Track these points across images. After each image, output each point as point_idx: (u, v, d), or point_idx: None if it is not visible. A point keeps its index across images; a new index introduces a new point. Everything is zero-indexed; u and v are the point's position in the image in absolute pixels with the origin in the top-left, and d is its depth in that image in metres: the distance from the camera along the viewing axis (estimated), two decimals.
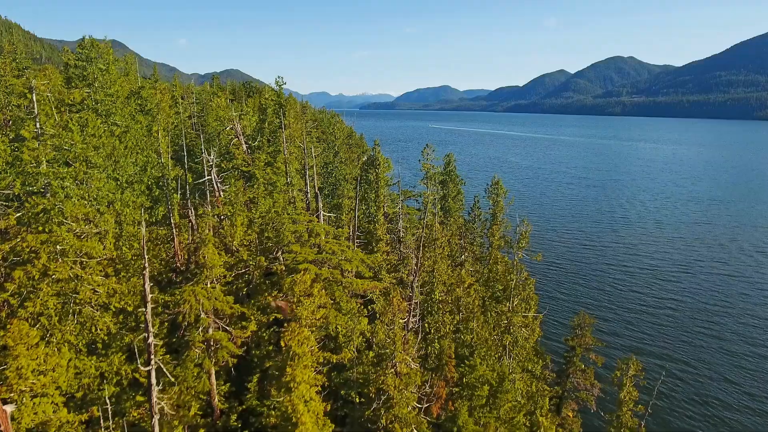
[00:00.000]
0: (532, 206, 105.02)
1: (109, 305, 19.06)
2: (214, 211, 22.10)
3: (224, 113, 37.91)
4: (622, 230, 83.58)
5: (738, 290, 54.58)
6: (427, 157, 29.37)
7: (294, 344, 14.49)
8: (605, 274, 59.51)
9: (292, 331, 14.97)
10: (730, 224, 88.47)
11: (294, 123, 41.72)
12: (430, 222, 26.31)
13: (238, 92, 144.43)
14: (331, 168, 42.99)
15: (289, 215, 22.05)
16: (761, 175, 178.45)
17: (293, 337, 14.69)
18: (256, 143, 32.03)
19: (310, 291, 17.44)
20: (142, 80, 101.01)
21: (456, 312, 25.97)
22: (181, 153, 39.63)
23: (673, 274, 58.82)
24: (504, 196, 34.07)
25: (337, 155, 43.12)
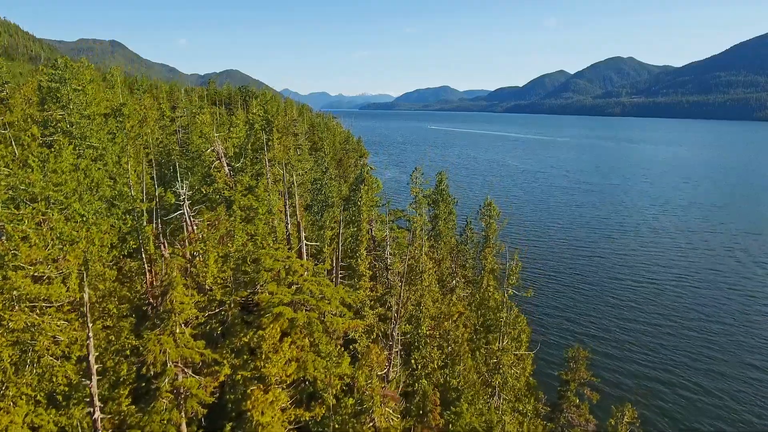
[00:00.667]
0: (530, 213, 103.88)
1: (71, 353, 17.92)
2: (184, 249, 20.93)
3: (209, 129, 36.76)
4: (621, 239, 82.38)
5: (747, 309, 52.99)
6: (416, 181, 28.24)
7: (257, 414, 13.36)
8: (602, 289, 58.25)
9: (255, 399, 13.83)
10: (733, 232, 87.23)
11: (283, 139, 40.58)
12: (416, 254, 25.21)
13: (234, 96, 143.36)
14: (320, 184, 41.84)
15: (266, 249, 20.91)
16: (762, 178, 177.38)
17: (257, 406, 13.55)
18: (239, 164, 30.89)
19: (278, 347, 16.32)
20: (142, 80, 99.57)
21: (444, 346, 24.88)
22: (166, 172, 38.53)
23: (674, 290, 57.25)
24: (497, 217, 32.96)
25: (327, 172, 41.96)
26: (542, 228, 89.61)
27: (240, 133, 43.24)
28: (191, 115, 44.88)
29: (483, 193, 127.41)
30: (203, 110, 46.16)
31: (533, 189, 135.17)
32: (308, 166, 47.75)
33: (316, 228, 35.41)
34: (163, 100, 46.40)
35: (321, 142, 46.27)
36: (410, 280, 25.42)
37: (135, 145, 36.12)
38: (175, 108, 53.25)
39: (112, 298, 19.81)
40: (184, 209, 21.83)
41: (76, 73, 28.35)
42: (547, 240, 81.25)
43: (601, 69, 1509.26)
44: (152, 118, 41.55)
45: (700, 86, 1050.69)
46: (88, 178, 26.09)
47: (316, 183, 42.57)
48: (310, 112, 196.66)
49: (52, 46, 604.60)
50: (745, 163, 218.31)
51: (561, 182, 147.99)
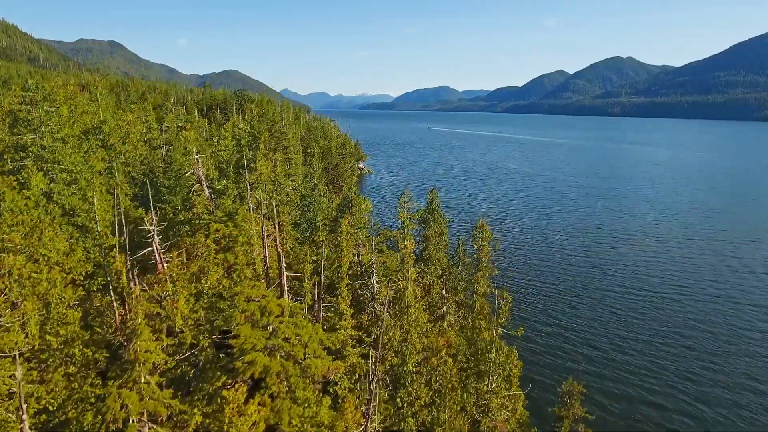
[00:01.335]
0: (527, 220, 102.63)
1: (27, 407, 16.75)
2: (151, 292, 19.77)
3: (192, 146, 35.58)
4: (620, 248, 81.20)
5: (753, 327, 51.73)
6: (404, 205, 27.13)
7: None
8: (600, 307, 56.79)
9: None
10: (734, 240, 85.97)
11: (270, 155, 39.40)
12: (402, 286, 24.08)
13: (230, 101, 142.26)
14: (309, 201, 40.67)
15: (241, 287, 19.74)
16: (763, 180, 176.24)
17: None
18: (221, 185, 29.72)
19: (244, 409, 15.23)
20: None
21: (432, 382, 23.72)
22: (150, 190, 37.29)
23: (676, 309, 55.43)
24: (489, 239, 31.82)
25: (316, 188, 40.79)
26: (539, 238, 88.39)
27: (228, 145, 42.11)
28: (176, 129, 43.61)
29: (480, 199, 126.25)
30: (190, 123, 44.88)
31: (531, 194, 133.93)
32: (299, 180, 46.62)
33: (303, 249, 34.26)
34: (150, 113, 45.11)
35: (311, 157, 44.95)
36: (396, 314, 24.28)
37: (117, 165, 34.93)
38: (163, 118, 52.04)
39: (76, 342, 18.64)
40: (154, 246, 20.68)
41: (48, 94, 27.20)
42: (543, 252, 79.97)
43: (601, 69, 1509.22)
44: (136, 134, 40.30)
45: (699, 86, 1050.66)
46: (58, 206, 24.94)
47: (305, 200, 41.42)
48: (306, 115, 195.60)
49: (50, 47, 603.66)
50: (745, 165, 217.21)
51: (559, 186, 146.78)
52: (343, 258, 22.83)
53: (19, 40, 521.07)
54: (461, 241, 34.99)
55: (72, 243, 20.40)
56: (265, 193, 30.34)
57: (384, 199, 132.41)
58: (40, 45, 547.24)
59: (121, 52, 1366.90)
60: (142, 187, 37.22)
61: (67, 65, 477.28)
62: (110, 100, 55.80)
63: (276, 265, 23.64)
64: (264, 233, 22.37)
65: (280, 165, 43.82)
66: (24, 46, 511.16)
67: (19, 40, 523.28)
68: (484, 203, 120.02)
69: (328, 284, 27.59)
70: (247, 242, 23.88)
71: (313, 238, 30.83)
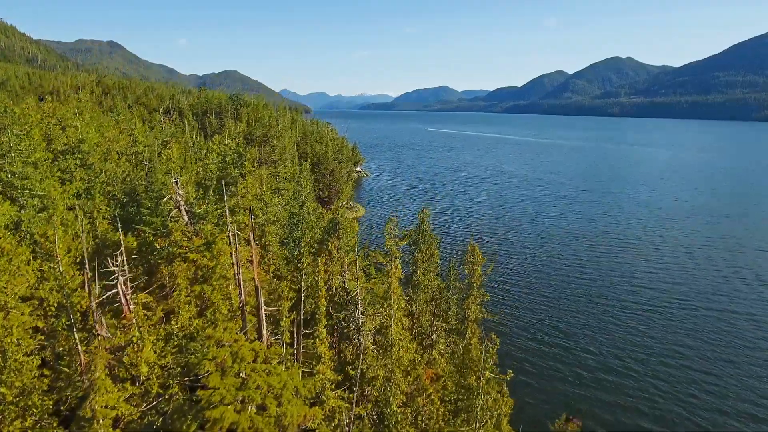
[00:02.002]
0: (525, 226, 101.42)
1: None
2: (114, 341, 18.58)
3: (174, 165, 34.38)
4: (619, 257, 79.99)
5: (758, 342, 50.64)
6: (390, 232, 25.98)
7: None
8: (598, 319, 55.87)
9: None
10: (736, 248, 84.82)
11: (257, 172, 38.18)
12: (386, 316, 22.91)
13: (225, 106, 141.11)
14: (297, 219, 39.47)
15: (212, 330, 18.55)
16: (764, 182, 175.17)
17: None
18: (201, 209, 28.54)
19: None
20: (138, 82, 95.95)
21: (419, 422, 22.57)
22: (131, 211, 36.10)
23: (679, 324, 54.45)
24: (481, 263, 30.66)
25: (304, 206, 39.58)
26: (535, 246, 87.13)
27: (213, 162, 40.88)
28: (161, 145, 42.33)
29: (476, 204, 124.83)
30: (176, 137, 43.60)
31: (528, 199, 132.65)
32: (290, 194, 45.42)
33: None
34: (137, 125, 43.83)
35: (301, 172, 43.53)
36: (380, 351, 23.12)
37: (97, 184, 33.72)
38: (152, 129, 50.88)
39: (34, 393, 17.46)
40: (119, 287, 19.50)
41: (18, 118, 26.06)
42: (539, 261, 78.66)
43: (600, 69, 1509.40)
44: (122, 147, 39.07)
45: (699, 86, 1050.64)
46: (28, 235, 23.75)
47: (294, 218, 40.23)
48: (304, 118, 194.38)
49: (49, 48, 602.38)
50: (745, 166, 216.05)
51: (558, 190, 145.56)
52: (320, 298, 21.66)
53: (17, 41, 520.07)
54: (452, 264, 33.80)
55: (41, 275, 19.27)
56: (248, 216, 29.17)
57: (381, 204, 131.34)
58: (38, 45, 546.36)
59: (121, 52, 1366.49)
60: (123, 207, 36.03)
61: (65, 66, 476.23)
62: (95, 113, 54.35)
63: (254, 300, 22.47)
64: (239, 267, 21.17)
65: (267, 181, 42.54)
66: (22, 47, 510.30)
67: (18, 40, 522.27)
68: (481, 209, 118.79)
69: (312, 313, 26.44)
70: (222, 276, 22.70)
71: (297, 265, 29.63)
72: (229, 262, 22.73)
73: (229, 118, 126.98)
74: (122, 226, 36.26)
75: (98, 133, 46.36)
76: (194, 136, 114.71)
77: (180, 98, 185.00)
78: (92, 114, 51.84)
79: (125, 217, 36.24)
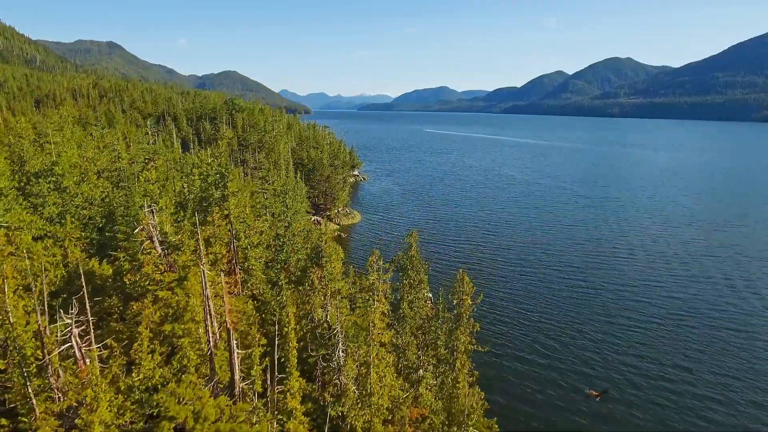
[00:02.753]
0: (523, 233, 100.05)
1: None
2: (62, 403, 17.20)
3: (153, 187, 33.00)
4: (618, 268, 78.64)
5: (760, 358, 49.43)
6: (373, 266, 24.63)
7: None
8: (598, 334, 54.58)
9: None
10: (737, 258, 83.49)
11: (240, 194, 36.73)
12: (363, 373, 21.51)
13: (220, 111, 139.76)
14: (282, 240, 38.11)
15: (174, 386, 17.21)
16: (764, 182, 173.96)
17: None
18: (176, 239, 27.16)
19: None
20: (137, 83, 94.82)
21: None
22: (108, 234, 34.77)
23: (682, 340, 53.17)
24: (471, 293, 29.32)
25: (290, 227, 38.24)
26: (531, 256, 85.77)
27: (196, 182, 39.43)
28: (144, 162, 40.92)
29: (473, 210, 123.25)
30: (158, 155, 42.15)
31: (527, 204, 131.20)
32: (277, 211, 44.01)
33: (272, 295, 31.73)
34: (119, 141, 42.36)
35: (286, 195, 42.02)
36: (361, 398, 21.78)
37: (71, 208, 32.36)
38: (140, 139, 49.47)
39: None
40: (73, 339, 18.15)
41: None
42: (535, 271, 77.29)
43: (600, 69, 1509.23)
44: (96, 170, 37.56)
45: (698, 87, 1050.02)
46: None
47: (279, 239, 38.87)
48: (300, 122, 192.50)
49: (48, 48, 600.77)
50: (745, 168, 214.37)
51: (557, 196, 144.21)
52: (291, 350, 20.29)
53: (16, 42, 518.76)
54: (441, 293, 32.40)
55: None
56: (225, 247, 27.85)
57: (378, 210, 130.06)
58: (37, 46, 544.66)
59: (120, 52, 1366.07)
60: (101, 231, 34.68)
61: (64, 67, 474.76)
62: (76, 130, 52.77)
63: (225, 346, 21.12)
64: (209, 311, 19.79)
65: (252, 200, 41.19)
66: (21, 48, 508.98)
67: (16, 41, 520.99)
68: (478, 216, 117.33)
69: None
70: (191, 319, 21.33)
71: (276, 298, 28.27)
72: (200, 303, 21.36)
73: (224, 124, 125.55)
74: (98, 251, 34.96)
75: (79, 150, 45.00)
76: (190, 143, 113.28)
77: (177, 99, 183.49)
78: (73, 129, 50.17)
79: (102, 241, 34.91)
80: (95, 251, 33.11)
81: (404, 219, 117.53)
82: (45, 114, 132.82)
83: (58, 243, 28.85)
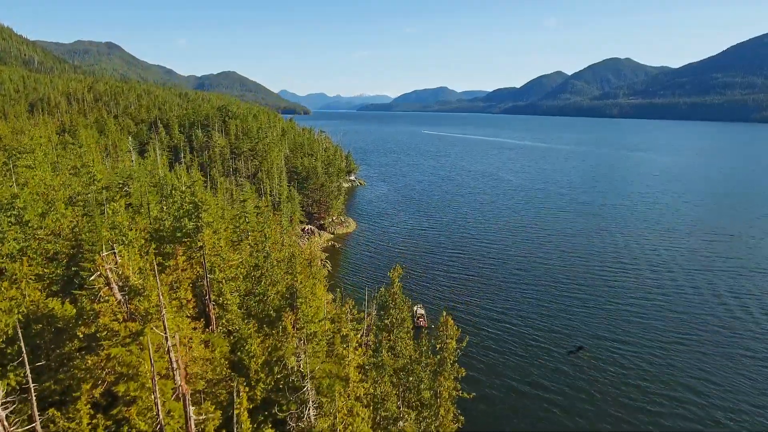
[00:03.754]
0: (519, 243, 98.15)
1: None
2: None
3: (122, 219, 31.17)
4: (618, 277, 77.16)
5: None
6: (348, 315, 22.77)
7: None
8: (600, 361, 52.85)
9: None
10: (739, 270, 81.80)
11: (216, 225, 34.88)
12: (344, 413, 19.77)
13: (213, 118, 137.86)
14: (260, 273, 36.30)
15: None
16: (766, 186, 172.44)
17: None
18: (138, 282, 25.30)
19: None
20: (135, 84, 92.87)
21: None
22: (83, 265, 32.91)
23: (684, 364, 51.68)
24: (455, 336, 27.54)
25: (269, 258, 36.42)
26: (527, 269, 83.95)
27: (172, 208, 37.61)
28: (119, 187, 38.90)
29: (469, 218, 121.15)
30: (132, 179, 40.13)
31: (524, 212, 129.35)
32: (255, 239, 42.13)
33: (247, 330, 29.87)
34: (93, 163, 40.43)
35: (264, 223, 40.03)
36: None
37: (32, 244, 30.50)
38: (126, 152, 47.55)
39: None
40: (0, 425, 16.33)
41: None
42: (530, 289, 75.44)
43: (599, 70, 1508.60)
44: (65, 198, 35.67)
45: (697, 87, 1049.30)
46: None
47: (257, 269, 37.07)
48: (297, 126, 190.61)
49: (46, 49, 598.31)
50: (747, 174, 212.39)
51: (555, 203, 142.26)
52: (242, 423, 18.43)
53: (14, 43, 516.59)
54: (423, 335, 30.53)
55: None
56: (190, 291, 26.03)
57: (374, 217, 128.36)
58: (35, 47, 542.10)
59: (119, 53, 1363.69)
60: (67, 266, 32.81)
61: (62, 68, 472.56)
62: (49, 149, 50.55)
63: (180, 411, 19.30)
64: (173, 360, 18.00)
65: (230, 230, 39.28)
66: (18, 49, 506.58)
67: (14, 42, 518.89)
68: (474, 224, 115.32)
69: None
70: (141, 386, 19.51)
71: (242, 347, 26.40)
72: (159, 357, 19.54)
73: (216, 131, 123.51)
74: (65, 288, 33.12)
75: (53, 172, 43.16)
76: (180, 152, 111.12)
77: (174, 101, 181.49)
78: (46, 150, 47.97)
79: (68, 276, 33.07)
80: (60, 288, 31.30)
81: (399, 228, 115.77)
82: (36, 123, 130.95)
83: (13, 284, 27.00)
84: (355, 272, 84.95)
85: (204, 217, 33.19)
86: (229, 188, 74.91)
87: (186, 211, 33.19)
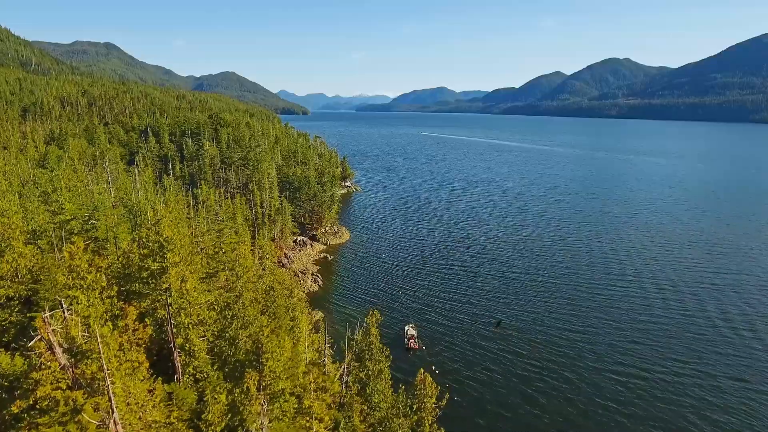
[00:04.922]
0: (514, 254, 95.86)
1: None
2: None
3: (81, 262, 28.98)
4: (618, 291, 75.06)
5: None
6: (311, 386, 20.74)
7: None
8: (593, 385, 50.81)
9: None
10: (742, 284, 79.77)
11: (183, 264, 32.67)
12: None
13: (204, 127, 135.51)
14: (232, 314, 34.13)
15: None
16: None
17: None
18: (83, 343, 23.18)
19: None
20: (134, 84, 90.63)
21: None
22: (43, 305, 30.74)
23: (685, 389, 49.74)
24: (434, 395, 25.47)
25: (240, 298, 34.28)
26: (522, 281, 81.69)
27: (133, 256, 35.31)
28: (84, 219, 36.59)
29: (465, 227, 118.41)
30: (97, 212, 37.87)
31: (520, 220, 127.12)
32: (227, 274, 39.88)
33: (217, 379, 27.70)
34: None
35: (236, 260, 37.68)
36: None
37: None
38: None
39: None
40: None
41: None
42: (525, 300, 73.16)
43: (598, 70, 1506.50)
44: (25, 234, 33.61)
45: (696, 88, 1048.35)
46: None
47: (228, 310, 34.91)
48: (288, 137, 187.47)
49: (44, 50, 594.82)
50: (747, 178, 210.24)
51: (553, 210, 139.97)
52: None
53: (11, 44, 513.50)
54: (401, 391, 28.39)
55: None
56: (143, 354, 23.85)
57: (368, 226, 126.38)
58: (32, 48, 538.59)
59: (117, 54, 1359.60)
60: (21, 311, 30.64)
61: (60, 69, 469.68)
62: (14, 176, 48.16)
63: None
64: None
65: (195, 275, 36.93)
66: (16, 50, 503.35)
67: (11, 43, 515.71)
68: (471, 232, 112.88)
69: None
70: None
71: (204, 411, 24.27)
72: None
73: (207, 140, 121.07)
74: (18, 337, 30.93)
75: (20, 199, 40.94)
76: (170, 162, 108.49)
77: (171, 103, 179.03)
78: (14, 176, 45.72)
79: (25, 323, 30.91)
80: (12, 338, 29.17)
81: (393, 238, 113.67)
82: (24, 132, 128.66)
83: None
84: (347, 287, 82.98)
85: (169, 257, 31.12)
86: (214, 206, 72.52)
87: (150, 251, 31.14)
